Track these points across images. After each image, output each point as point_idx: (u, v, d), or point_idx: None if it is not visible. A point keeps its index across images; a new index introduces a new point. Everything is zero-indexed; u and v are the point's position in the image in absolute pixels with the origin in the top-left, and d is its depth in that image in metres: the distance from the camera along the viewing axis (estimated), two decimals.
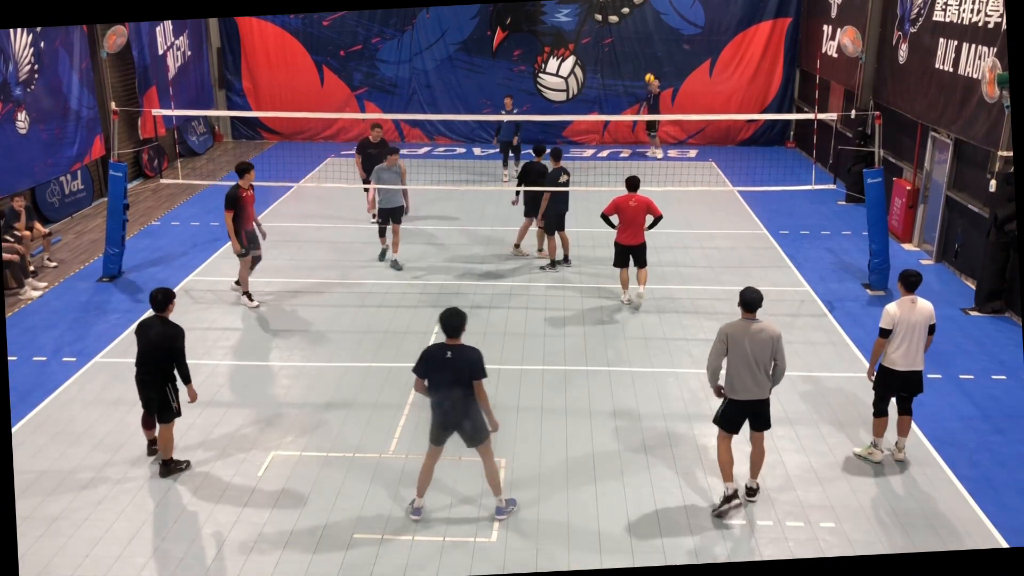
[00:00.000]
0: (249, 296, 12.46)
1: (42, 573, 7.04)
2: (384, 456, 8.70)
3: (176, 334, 8.24)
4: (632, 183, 12.42)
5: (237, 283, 12.66)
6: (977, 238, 13.09)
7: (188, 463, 8.53)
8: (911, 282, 8.51)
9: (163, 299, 8.36)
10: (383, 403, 9.75)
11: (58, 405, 9.72)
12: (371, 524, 7.66)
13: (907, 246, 15.42)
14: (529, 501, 8.00)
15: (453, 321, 7.33)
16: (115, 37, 17.42)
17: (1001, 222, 12.07)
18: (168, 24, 20.54)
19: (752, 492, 8.07)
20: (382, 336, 11.53)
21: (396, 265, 13.96)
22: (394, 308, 12.48)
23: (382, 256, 14.22)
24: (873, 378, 8.67)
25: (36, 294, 12.86)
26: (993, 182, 12.38)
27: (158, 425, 8.44)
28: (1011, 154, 11.71)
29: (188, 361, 8.47)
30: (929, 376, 10.40)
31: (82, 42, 17.15)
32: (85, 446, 8.88)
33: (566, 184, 13.70)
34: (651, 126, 21.90)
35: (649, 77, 21.59)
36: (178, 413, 8.43)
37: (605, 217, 12.54)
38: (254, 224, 12.46)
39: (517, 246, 14.66)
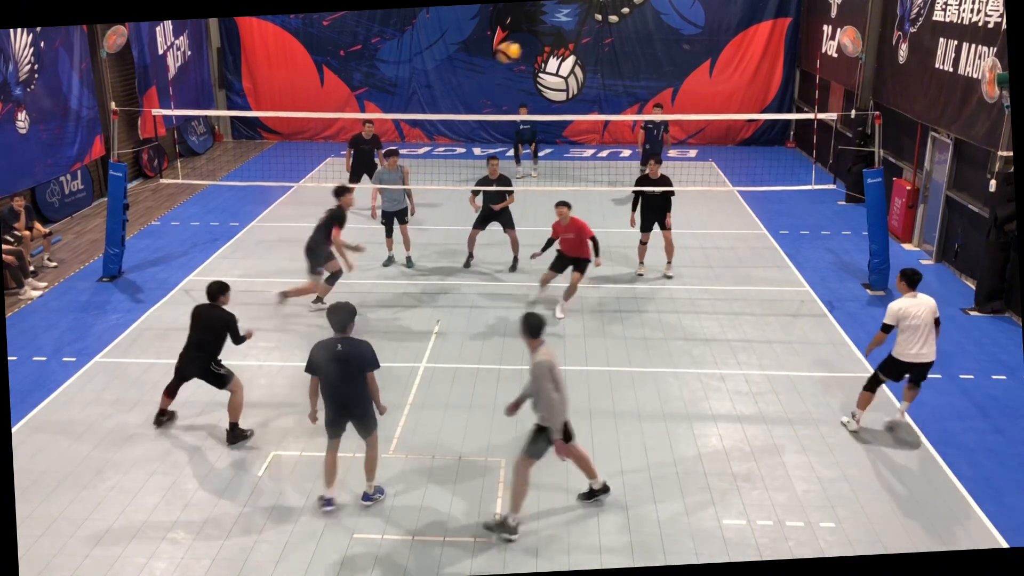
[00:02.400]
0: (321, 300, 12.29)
1: (42, 573, 7.05)
2: (384, 456, 8.68)
3: (231, 320, 9.04)
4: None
5: (318, 299, 12.34)
6: (977, 238, 13.09)
7: (252, 432, 9.13)
8: (915, 280, 8.92)
9: (213, 292, 9.10)
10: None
11: (58, 405, 9.72)
12: (371, 524, 7.67)
13: (907, 246, 15.42)
14: (529, 501, 7.99)
15: (338, 316, 7.69)
16: (115, 37, 17.42)
17: (1001, 222, 12.07)
18: (168, 24, 20.54)
19: (601, 491, 7.91)
20: (382, 336, 11.52)
21: (410, 263, 14.10)
22: (394, 308, 12.48)
23: (388, 262, 14.15)
24: (868, 354, 9.56)
25: (36, 294, 12.87)
26: (993, 182, 12.38)
27: (229, 396, 9.03)
28: (1011, 154, 11.71)
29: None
30: (929, 376, 10.39)
31: (82, 42, 17.15)
32: (85, 446, 8.88)
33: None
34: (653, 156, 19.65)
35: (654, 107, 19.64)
36: (231, 374, 9.09)
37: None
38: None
39: (642, 263, 14.07)
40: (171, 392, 9.33)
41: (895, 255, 13.89)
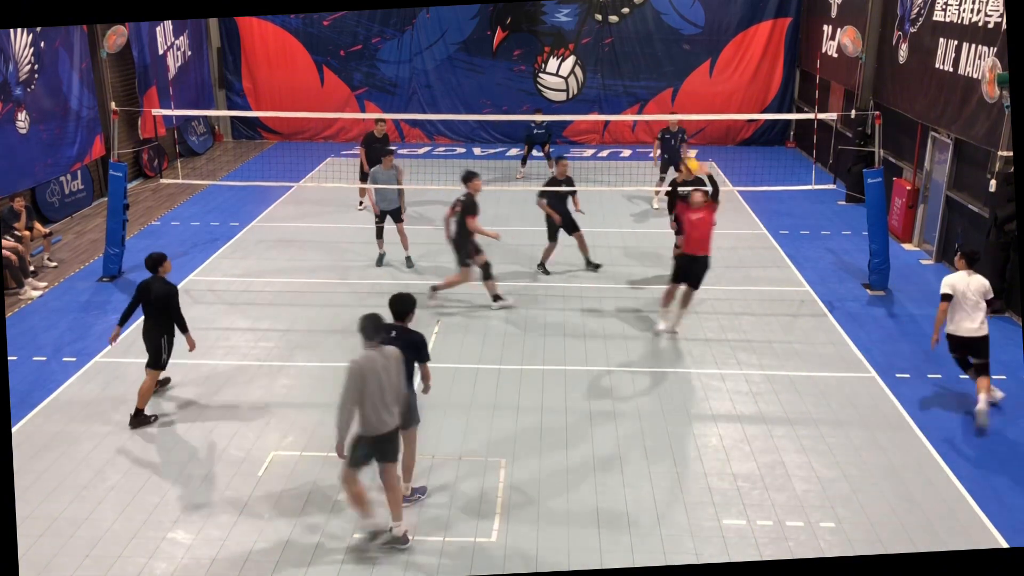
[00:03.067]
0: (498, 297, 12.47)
1: (42, 573, 7.05)
2: None
3: (173, 291, 9.43)
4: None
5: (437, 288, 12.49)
6: (977, 238, 13.08)
7: (156, 417, 9.43)
8: (973, 259, 9.76)
9: (152, 263, 9.48)
10: None
11: (58, 405, 9.72)
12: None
13: (907, 246, 15.41)
14: (529, 501, 8.00)
15: (399, 305, 7.77)
16: (115, 37, 17.42)
17: (1001, 222, 12.07)
18: (168, 24, 20.54)
19: (402, 540, 7.32)
20: None
21: (409, 263, 14.11)
22: None
23: (380, 262, 14.13)
24: (935, 345, 9.78)
25: (36, 294, 12.86)
26: (993, 182, 12.38)
27: (145, 374, 9.38)
28: (1011, 154, 11.71)
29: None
30: (929, 376, 10.44)
31: (82, 42, 17.15)
32: (85, 446, 8.88)
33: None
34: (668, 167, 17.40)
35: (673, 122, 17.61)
36: (163, 366, 9.43)
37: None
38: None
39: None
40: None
41: (895, 255, 13.89)
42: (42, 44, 15.76)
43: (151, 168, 19.96)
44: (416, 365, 7.77)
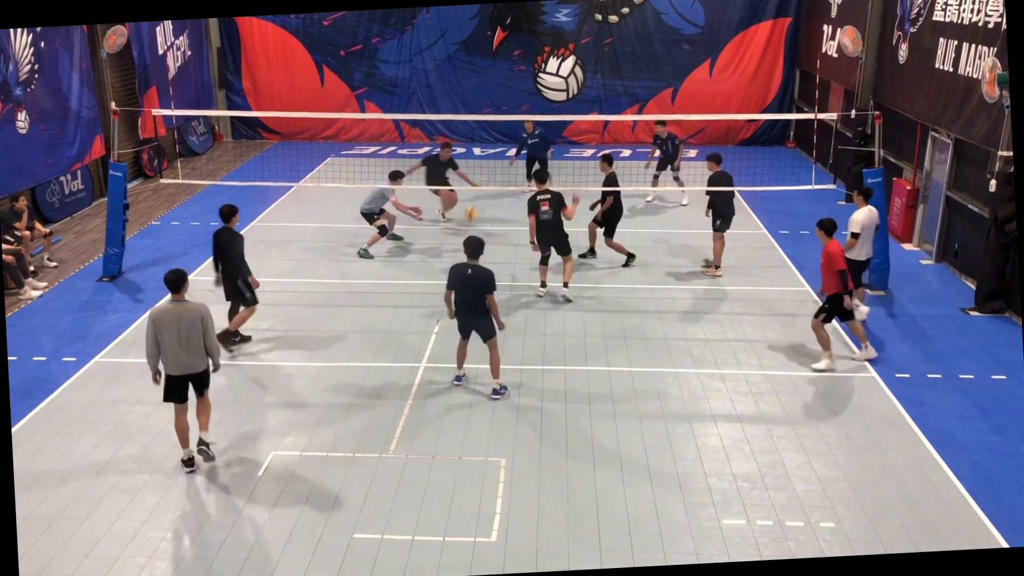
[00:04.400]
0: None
1: (42, 573, 7.05)
2: (384, 456, 8.70)
3: (238, 239, 10.78)
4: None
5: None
6: (977, 238, 13.09)
7: (242, 338, 11.14)
8: (869, 193, 11.86)
9: (227, 213, 10.75)
10: (383, 403, 9.75)
11: (58, 405, 9.72)
12: (371, 524, 7.67)
13: (907, 246, 15.41)
14: (529, 501, 8.00)
15: (474, 245, 9.78)
16: (115, 37, 17.42)
17: (1001, 222, 12.07)
18: (168, 24, 20.54)
19: (205, 444, 8.61)
20: (382, 336, 11.53)
21: (365, 253, 14.69)
22: (394, 308, 12.48)
23: (366, 254, 14.70)
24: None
25: (36, 294, 12.87)
26: (993, 182, 12.38)
27: (240, 309, 10.95)
28: (1011, 154, 11.71)
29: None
30: (929, 376, 10.45)
31: (82, 42, 17.15)
32: (85, 446, 8.88)
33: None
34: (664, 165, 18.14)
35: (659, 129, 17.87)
36: (252, 301, 10.97)
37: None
38: None
39: (716, 266, 13.90)
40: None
41: (895, 255, 13.88)
42: (42, 44, 15.76)
43: (151, 168, 19.96)
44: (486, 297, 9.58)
